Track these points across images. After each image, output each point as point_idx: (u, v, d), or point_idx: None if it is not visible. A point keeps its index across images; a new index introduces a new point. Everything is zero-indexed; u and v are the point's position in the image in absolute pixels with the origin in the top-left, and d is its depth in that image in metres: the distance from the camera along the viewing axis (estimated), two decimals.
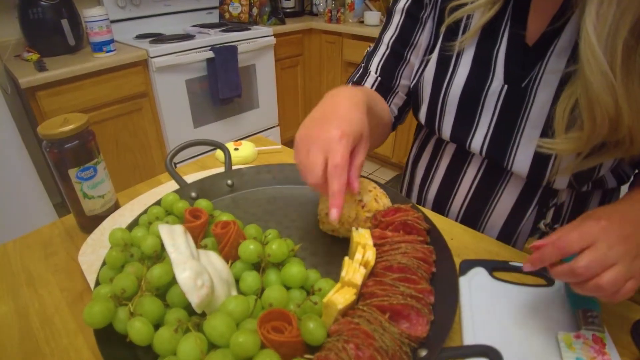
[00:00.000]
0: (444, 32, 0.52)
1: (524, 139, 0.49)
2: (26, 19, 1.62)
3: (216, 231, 0.46)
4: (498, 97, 0.49)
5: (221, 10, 2.34)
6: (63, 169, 0.55)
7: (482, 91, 0.50)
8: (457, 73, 0.51)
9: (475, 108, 0.51)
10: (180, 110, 1.94)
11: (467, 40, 0.49)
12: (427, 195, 0.67)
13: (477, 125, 0.52)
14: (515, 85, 0.48)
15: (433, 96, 0.55)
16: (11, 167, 1.43)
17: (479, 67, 0.49)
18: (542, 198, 0.52)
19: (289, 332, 0.35)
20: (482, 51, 0.49)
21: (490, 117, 0.50)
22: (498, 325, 0.42)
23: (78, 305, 0.48)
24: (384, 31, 0.62)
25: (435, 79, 0.54)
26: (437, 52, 0.53)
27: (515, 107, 0.48)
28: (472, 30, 0.49)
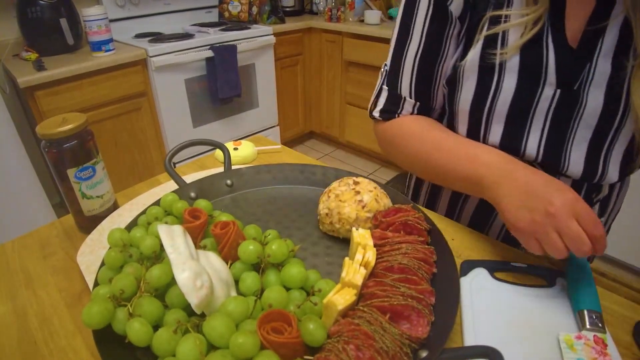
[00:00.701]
0: (483, 43, 0.50)
1: (576, 140, 0.50)
2: (25, 18, 1.62)
3: (215, 231, 0.46)
4: (550, 103, 0.49)
5: (220, 9, 2.34)
6: (62, 168, 0.55)
7: (534, 98, 0.49)
8: (503, 82, 0.50)
9: (526, 116, 0.51)
10: (179, 109, 1.94)
11: (510, 53, 0.49)
12: (462, 212, 0.65)
13: (529, 132, 0.51)
14: (568, 88, 0.48)
15: (475, 106, 0.53)
16: (10, 167, 1.43)
17: (529, 75, 0.49)
18: (587, 194, 0.53)
19: (289, 333, 0.34)
20: (529, 59, 0.48)
21: (543, 122, 0.50)
22: (499, 326, 0.42)
23: (77, 306, 0.48)
24: (402, 48, 0.56)
25: (477, 89, 0.52)
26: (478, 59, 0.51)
27: (568, 110, 0.49)
28: (515, 45, 0.48)
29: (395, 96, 0.59)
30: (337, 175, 0.64)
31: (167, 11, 2.19)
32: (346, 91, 2.41)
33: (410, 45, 0.55)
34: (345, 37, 2.24)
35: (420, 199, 0.75)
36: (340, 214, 0.51)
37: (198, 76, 1.94)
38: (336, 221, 0.51)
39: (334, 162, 2.63)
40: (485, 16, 0.50)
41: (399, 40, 0.57)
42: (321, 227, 0.55)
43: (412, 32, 0.55)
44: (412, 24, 0.54)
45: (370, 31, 2.09)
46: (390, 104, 0.60)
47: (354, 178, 0.56)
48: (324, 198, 0.54)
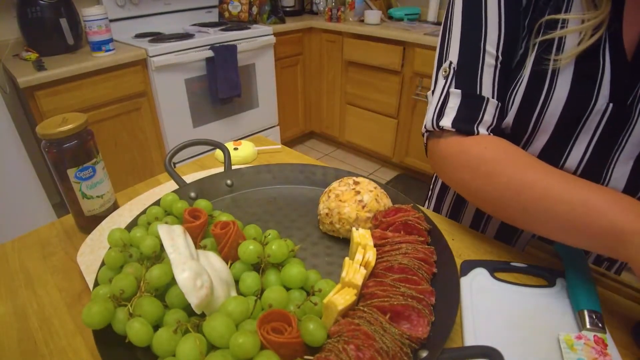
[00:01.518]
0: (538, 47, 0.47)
1: (623, 156, 0.48)
2: (25, 18, 1.62)
3: (215, 231, 0.46)
4: (602, 116, 0.46)
5: (221, 9, 2.34)
6: (62, 168, 0.55)
7: (586, 110, 0.47)
8: (555, 90, 0.47)
9: (574, 127, 0.48)
10: (179, 109, 1.94)
11: (565, 60, 0.45)
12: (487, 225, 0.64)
13: (574, 144, 0.49)
14: (621, 103, 0.46)
15: (524, 112, 0.49)
16: (10, 167, 1.43)
17: (582, 86, 0.46)
18: None
19: (289, 333, 0.34)
20: (585, 68, 0.46)
21: (591, 135, 0.48)
22: (499, 326, 0.42)
23: (77, 306, 0.48)
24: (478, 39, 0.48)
25: (527, 94, 0.48)
26: (531, 66, 0.48)
27: (618, 125, 0.47)
28: (572, 53, 0.45)
29: (474, 98, 0.49)
30: (337, 175, 0.64)
31: (167, 11, 2.19)
32: (346, 91, 2.41)
33: (487, 32, 0.48)
34: (345, 37, 2.24)
35: (443, 210, 0.72)
36: (340, 214, 0.51)
37: (198, 76, 1.94)
38: (336, 221, 0.51)
39: (334, 162, 2.63)
40: (542, 19, 0.47)
41: (468, 32, 0.49)
42: (321, 227, 0.55)
43: (485, 18, 0.48)
44: (484, 9, 0.48)
45: (370, 31, 2.09)
46: (466, 109, 0.49)
47: (354, 178, 0.56)
48: (324, 198, 0.54)
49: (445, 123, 0.50)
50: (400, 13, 2.26)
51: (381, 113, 2.28)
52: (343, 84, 2.41)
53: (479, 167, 0.47)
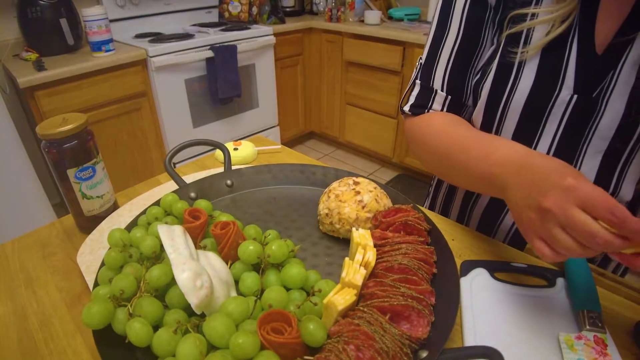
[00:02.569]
0: (505, 39, 0.50)
1: (590, 149, 0.47)
2: (25, 18, 1.62)
3: (215, 232, 0.46)
4: (566, 107, 0.47)
5: (221, 9, 2.34)
6: (62, 169, 0.55)
7: (549, 101, 0.48)
8: (520, 81, 0.49)
9: (539, 118, 0.49)
10: (179, 110, 1.94)
11: (531, 51, 0.47)
12: (472, 212, 0.65)
13: (540, 135, 0.50)
14: (586, 95, 0.46)
15: (491, 103, 0.52)
16: (10, 167, 1.43)
17: (547, 75, 0.47)
18: None
19: (289, 334, 0.34)
20: (550, 60, 0.47)
21: (556, 127, 0.49)
22: (499, 326, 0.42)
23: (77, 306, 0.48)
24: (440, 40, 0.55)
25: (494, 85, 0.51)
26: (497, 58, 0.50)
27: (583, 117, 0.47)
28: (539, 44, 0.46)
29: (427, 90, 0.58)
30: (337, 175, 0.64)
31: (167, 11, 2.19)
32: (346, 91, 2.41)
33: (448, 35, 0.54)
34: (345, 37, 2.24)
35: (436, 207, 0.75)
36: (340, 214, 0.51)
37: (198, 76, 1.94)
38: (336, 221, 0.51)
39: (334, 162, 2.63)
40: (511, 13, 0.48)
41: (436, 34, 0.56)
42: (321, 227, 0.54)
43: (450, 22, 0.54)
44: (451, 14, 0.54)
45: (370, 31, 2.09)
46: (421, 98, 0.59)
47: (354, 178, 0.56)
48: (324, 198, 0.54)
49: (406, 108, 0.61)
50: (400, 13, 2.26)
51: (381, 113, 2.28)
52: (343, 84, 2.41)
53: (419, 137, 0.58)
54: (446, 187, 0.73)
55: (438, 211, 0.75)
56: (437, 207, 0.76)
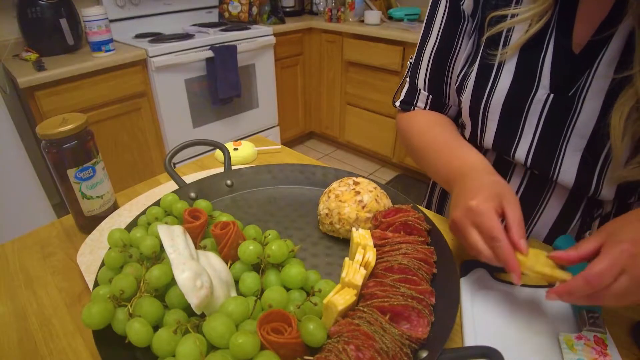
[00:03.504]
0: (485, 42, 0.51)
1: (569, 148, 0.48)
2: (25, 18, 1.62)
3: (215, 232, 0.46)
4: (543, 106, 0.48)
5: (221, 9, 2.34)
6: (62, 169, 0.55)
7: (526, 100, 0.49)
8: (499, 81, 0.50)
9: (519, 117, 0.50)
10: (179, 110, 1.94)
11: (510, 52, 0.48)
12: None
13: (520, 134, 0.51)
14: (562, 94, 0.47)
15: (473, 104, 0.54)
16: (10, 167, 1.43)
17: (523, 75, 0.48)
18: (586, 209, 0.52)
19: (289, 334, 0.34)
20: (526, 60, 0.48)
21: (535, 126, 0.49)
22: (499, 326, 0.42)
23: (76, 306, 0.48)
24: (424, 43, 0.60)
25: (475, 87, 0.53)
26: (478, 61, 0.52)
27: (561, 116, 0.47)
28: (517, 44, 0.48)
29: (413, 88, 0.63)
30: (337, 175, 0.64)
31: (167, 11, 2.19)
32: (346, 91, 2.41)
33: (429, 40, 0.59)
34: (345, 38, 2.24)
35: (432, 206, 0.77)
36: (340, 214, 0.51)
37: (198, 76, 1.94)
38: (336, 221, 0.51)
39: (334, 162, 2.63)
40: (490, 14, 0.49)
41: (422, 36, 0.60)
42: (321, 227, 0.54)
43: (432, 29, 0.58)
44: (433, 22, 0.58)
45: (370, 31, 2.09)
46: (408, 95, 0.64)
47: (354, 178, 0.56)
48: (324, 198, 0.54)
49: (397, 104, 0.66)
50: (400, 13, 2.26)
51: (381, 113, 2.28)
52: (343, 84, 2.41)
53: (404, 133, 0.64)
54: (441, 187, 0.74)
55: (434, 209, 0.76)
56: (433, 205, 0.77)
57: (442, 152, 0.54)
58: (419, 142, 0.59)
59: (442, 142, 0.56)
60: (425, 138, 0.58)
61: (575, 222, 0.53)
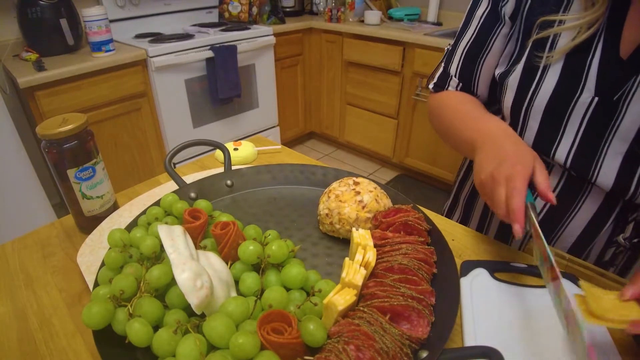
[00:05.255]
0: (531, 44, 0.52)
1: (610, 151, 0.49)
2: (25, 18, 1.62)
3: (215, 232, 0.46)
4: (587, 109, 0.49)
5: (221, 9, 2.34)
6: (62, 169, 0.55)
7: (571, 102, 0.49)
8: (544, 82, 0.51)
9: (561, 118, 0.51)
10: (179, 110, 1.94)
11: (557, 56, 0.49)
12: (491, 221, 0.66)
13: (562, 135, 0.52)
14: (607, 98, 0.47)
15: (516, 102, 0.55)
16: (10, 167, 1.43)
17: (569, 78, 0.49)
18: (621, 212, 0.52)
19: (289, 334, 0.34)
20: (573, 63, 0.49)
21: (577, 128, 0.50)
22: (499, 326, 0.42)
23: (77, 306, 0.48)
24: (462, 34, 0.63)
25: (520, 85, 0.54)
26: (524, 61, 0.53)
27: (604, 119, 0.48)
28: (564, 49, 0.49)
29: (446, 73, 0.66)
30: (337, 175, 0.64)
31: (167, 11, 2.19)
32: (346, 91, 2.41)
33: (466, 32, 0.62)
34: (345, 38, 2.24)
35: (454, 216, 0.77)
36: (340, 214, 0.51)
37: (198, 76, 1.94)
38: (336, 221, 0.51)
39: (334, 163, 2.63)
40: (538, 19, 0.51)
41: (462, 27, 0.63)
42: (321, 227, 0.54)
43: (471, 22, 0.61)
44: (473, 15, 0.61)
45: (370, 31, 2.09)
46: (441, 79, 0.67)
47: (354, 178, 0.56)
48: (324, 198, 0.54)
49: (430, 86, 0.70)
50: (400, 13, 2.26)
51: (381, 113, 2.28)
52: (343, 84, 2.41)
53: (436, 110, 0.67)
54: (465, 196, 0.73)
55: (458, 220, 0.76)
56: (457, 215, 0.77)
57: (470, 119, 0.57)
58: (447, 116, 0.63)
59: (470, 113, 0.59)
60: (454, 111, 0.62)
61: (608, 225, 0.53)
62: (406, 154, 2.29)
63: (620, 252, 0.55)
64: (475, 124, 0.55)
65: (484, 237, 0.57)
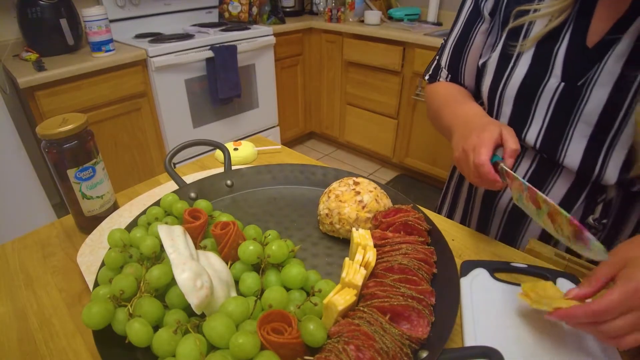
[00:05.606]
0: (507, 34, 0.57)
1: (576, 134, 0.52)
2: (25, 18, 1.62)
3: (216, 232, 0.46)
4: (554, 94, 0.52)
5: (221, 9, 2.34)
6: (62, 169, 0.55)
7: (539, 87, 0.53)
8: (516, 69, 0.55)
9: (530, 102, 0.55)
10: (179, 110, 1.94)
11: (529, 43, 0.54)
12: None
13: (532, 118, 0.55)
14: (572, 83, 0.51)
15: (492, 88, 0.60)
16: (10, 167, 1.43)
17: (538, 65, 0.53)
18: (590, 193, 0.55)
19: (289, 334, 0.34)
20: (542, 51, 0.53)
21: (545, 111, 0.54)
22: (499, 326, 0.42)
23: (77, 307, 0.48)
24: (452, 29, 0.68)
25: (496, 72, 0.59)
26: (500, 49, 0.58)
27: (569, 104, 0.51)
28: (536, 36, 0.53)
29: (438, 65, 0.72)
30: (337, 175, 0.64)
31: (167, 11, 2.19)
32: (346, 91, 2.41)
33: (455, 28, 0.68)
34: (345, 38, 2.24)
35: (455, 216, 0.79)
36: (340, 214, 0.51)
37: (198, 76, 1.94)
38: (336, 221, 0.51)
39: (334, 163, 2.63)
40: (514, 9, 0.55)
41: (453, 23, 0.69)
42: (321, 227, 0.54)
43: (459, 19, 0.67)
44: (461, 13, 0.67)
45: (370, 31, 2.09)
46: (434, 70, 0.73)
47: (354, 178, 0.56)
48: (324, 198, 0.54)
49: (426, 77, 0.76)
50: (400, 13, 2.26)
51: (381, 113, 2.28)
52: (343, 84, 2.41)
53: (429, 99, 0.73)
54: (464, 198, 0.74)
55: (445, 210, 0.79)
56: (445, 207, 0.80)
57: (450, 107, 0.63)
58: (436, 103, 0.68)
59: (452, 100, 0.65)
60: (440, 99, 0.68)
61: (578, 205, 0.56)
62: (406, 154, 2.29)
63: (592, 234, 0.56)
64: (454, 110, 0.61)
65: (484, 237, 0.57)
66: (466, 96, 0.66)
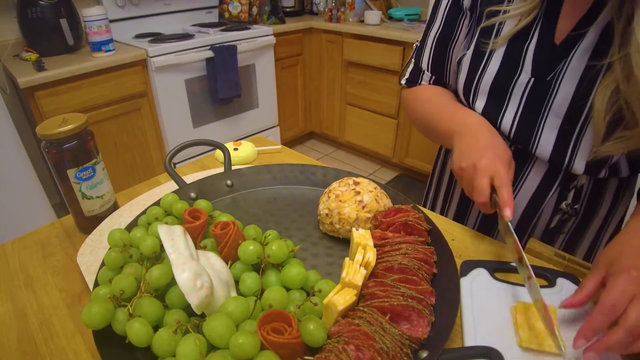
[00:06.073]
0: (479, 32, 0.58)
1: (547, 125, 0.55)
2: (25, 18, 1.62)
3: (215, 232, 0.46)
4: (525, 88, 0.55)
5: (221, 9, 2.34)
6: (62, 169, 0.55)
7: (511, 82, 0.56)
8: (489, 65, 0.58)
9: (503, 97, 0.57)
10: (179, 110, 1.94)
11: (500, 41, 0.56)
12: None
13: (505, 111, 0.58)
14: (541, 78, 0.53)
15: (467, 84, 0.61)
16: (10, 167, 1.43)
17: (509, 61, 0.56)
18: (563, 181, 0.58)
19: (289, 334, 0.34)
20: (513, 48, 0.55)
21: (517, 105, 0.56)
22: (499, 326, 0.42)
23: (77, 307, 0.48)
24: (429, 28, 0.67)
25: (470, 68, 0.60)
26: (473, 46, 0.59)
27: (540, 97, 0.54)
28: (506, 35, 0.55)
29: (418, 68, 0.70)
30: (337, 175, 0.64)
31: (167, 11, 2.19)
32: (346, 91, 2.41)
33: (433, 26, 0.66)
34: (345, 38, 2.24)
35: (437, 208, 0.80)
36: (340, 214, 0.51)
37: (198, 76, 1.94)
38: (336, 221, 0.51)
39: (334, 163, 2.63)
40: (486, 9, 0.56)
41: (428, 22, 0.68)
42: (321, 227, 0.54)
43: (436, 16, 0.66)
44: (437, 10, 0.66)
45: (370, 31, 2.09)
46: (413, 74, 0.71)
47: (354, 178, 0.56)
48: (324, 198, 0.54)
49: (402, 81, 0.73)
50: (400, 13, 2.26)
51: (381, 113, 2.28)
52: (343, 84, 2.41)
53: (411, 105, 0.71)
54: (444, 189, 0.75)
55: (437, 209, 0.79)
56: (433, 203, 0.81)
57: (446, 112, 0.62)
58: (424, 109, 0.67)
59: (446, 105, 0.64)
60: (431, 104, 0.66)
61: (552, 192, 0.59)
62: (406, 154, 2.29)
63: (565, 219, 0.60)
64: (453, 116, 0.60)
65: (484, 237, 0.57)
66: (456, 100, 0.66)
